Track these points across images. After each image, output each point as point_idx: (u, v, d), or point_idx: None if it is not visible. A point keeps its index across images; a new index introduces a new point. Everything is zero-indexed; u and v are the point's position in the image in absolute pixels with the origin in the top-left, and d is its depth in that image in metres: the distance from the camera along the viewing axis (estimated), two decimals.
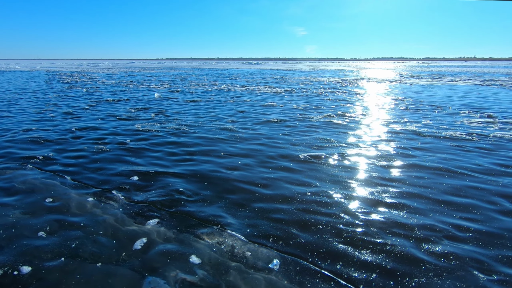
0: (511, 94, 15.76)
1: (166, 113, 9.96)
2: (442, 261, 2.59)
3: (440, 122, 8.32)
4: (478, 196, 3.81)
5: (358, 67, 72.53)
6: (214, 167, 4.89)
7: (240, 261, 2.63)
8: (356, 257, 2.65)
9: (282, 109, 10.67)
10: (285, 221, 3.24)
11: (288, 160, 5.20)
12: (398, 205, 3.59)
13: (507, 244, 2.84)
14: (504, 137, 6.67)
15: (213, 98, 13.62)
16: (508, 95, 15.43)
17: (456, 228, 3.08)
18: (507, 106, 11.40)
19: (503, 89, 18.57)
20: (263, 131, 7.36)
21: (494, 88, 18.94)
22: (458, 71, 46.83)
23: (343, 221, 3.22)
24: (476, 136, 6.80)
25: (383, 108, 10.92)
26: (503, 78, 28.47)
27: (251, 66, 75.84)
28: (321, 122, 8.30)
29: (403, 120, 8.65)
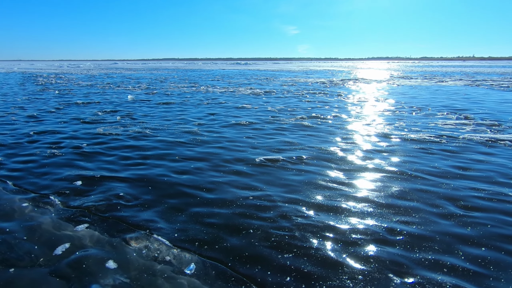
0: (498, 95, 16.12)
1: (133, 116, 9.99)
2: (361, 264, 2.69)
3: (414, 124, 8.51)
4: (424, 199, 3.94)
5: (350, 67, 73.26)
6: (164, 171, 4.96)
7: (159, 266, 2.70)
8: (277, 261, 2.74)
9: (256, 111, 10.78)
10: (218, 225, 3.32)
11: (243, 164, 5.29)
12: (338, 209, 3.69)
13: (434, 247, 2.95)
14: (473, 139, 6.85)
15: (187, 100, 13.69)
16: (495, 96, 15.78)
17: (388, 232, 3.19)
18: (489, 107, 11.68)
19: (492, 89, 18.97)
20: (227, 134, 7.45)
21: (483, 89, 19.33)
22: (452, 71, 47.60)
23: (276, 225, 3.31)
24: (445, 138, 6.97)
25: (359, 110, 11.10)
26: (496, 79, 29.05)
27: (238, 66, 76.08)
28: (290, 125, 8.43)
29: (376, 122, 8.82)
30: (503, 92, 17.49)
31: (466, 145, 6.46)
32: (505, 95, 15.76)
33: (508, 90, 18.38)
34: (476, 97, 15.15)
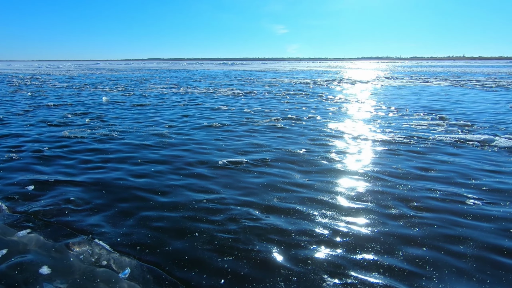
0: (479, 95, 16.49)
1: (104, 118, 9.95)
2: (298, 266, 2.76)
3: (387, 125, 8.67)
4: (378, 201, 4.04)
5: (338, 67, 73.95)
6: (122, 174, 4.97)
7: (97, 270, 2.72)
8: (215, 264, 2.80)
9: (231, 112, 10.83)
10: (164, 229, 3.36)
11: (205, 167, 5.33)
12: (290, 211, 3.77)
13: (376, 248, 3.04)
14: (443, 140, 7.03)
15: (164, 102, 13.67)
16: (476, 96, 16.15)
17: (334, 233, 3.28)
18: (467, 108, 11.96)
19: (474, 90, 19.39)
20: (197, 136, 7.49)
21: (465, 89, 19.75)
22: (440, 71, 48.45)
23: (222, 228, 3.37)
24: (415, 139, 7.13)
25: (337, 111, 11.26)
26: (481, 79, 29.68)
27: (224, 67, 76.11)
28: (263, 127, 8.51)
29: (350, 123, 8.97)
30: (485, 92, 17.89)
31: (434, 146, 6.62)
32: (486, 96, 16.14)
33: (490, 90, 18.81)
34: (457, 97, 15.48)
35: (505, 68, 62.02)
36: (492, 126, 8.63)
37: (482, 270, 2.74)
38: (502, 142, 6.69)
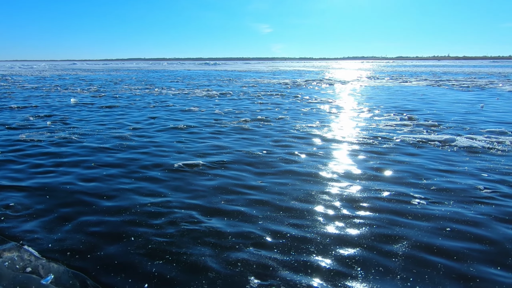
0: (454, 95, 16.92)
1: (67, 120, 9.85)
2: (226, 268, 2.82)
3: (355, 126, 8.83)
4: (324, 202, 4.14)
5: (322, 67, 74.65)
6: (71, 179, 4.95)
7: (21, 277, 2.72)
8: (144, 268, 2.83)
9: (201, 114, 10.86)
10: (100, 234, 3.38)
11: (160, 170, 5.35)
12: (234, 213, 3.83)
13: (310, 249, 3.13)
14: (405, 140, 7.20)
15: (134, 104, 13.60)
16: (451, 96, 16.56)
17: (272, 235, 3.35)
18: (439, 108, 12.26)
19: (451, 89, 19.88)
20: (159, 138, 7.49)
21: (442, 89, 20.23)
22: (422, 71, 49.44)
23: (160, 232, 3.40)
24: (378, 139, 7.29)
25: (308, 111, 11.40)
26: (460, 78, 30.43)
27: (206, 67, 75.97)
28: (230, 128, 8.56)
29: (318, 124, 9.10)
30: (461, 92, 18.37)
31: (396, 146, 6.78)
32: (460, 96, 16.57)
33: (466, 90, 19.31)
34: (432, 97, 15.85)
35: (487, 68, 63.65)
36: (458, 126, 8.89)
37: (408, 269, 2.84)
38: (463, 142, 6.91)
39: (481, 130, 8.22)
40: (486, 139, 7.18)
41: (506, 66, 71.70)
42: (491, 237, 3.32)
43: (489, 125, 8.89)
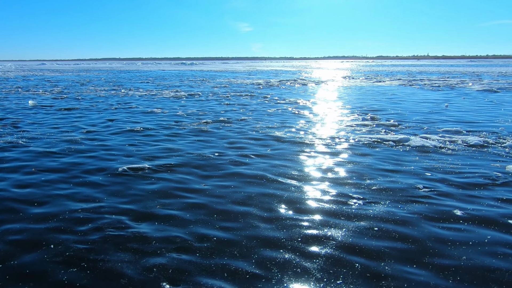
0: (423, 95, 17.36)
1: (19, 124, 9.63)
2: (141, 274, 2.83)
3: (315, 127, 8.97)
4: (262, 204, 4.20)
5: (301, 67, 75.27)
6: (5, 185, 4.86)
7: None
8: (55, 277, 2.81)
9: (162, 116, 10.81)
10: (20, 242, 3.34)
11: (103, 174, 5.32)
12: (167, 217, 3.85)
13: (234, 252, 3.17)
14: (361, 141, 7.36)
15: (95, 105, 13.41)
16: (420, 95, 16.99)
17: (199, 239, 3.38)
18: (405, 108, 12.57)
19: (421, 89, 20.39)
20: (111, 142, 7.42)
21: (413, 89, 20.72)
22: (399, 71, 50.49)
23: (83, 238, 3.39)
24: (335, 140, 7.43)
25: (273, 112, 11.50)
26: (434, 78, 31.24)
27: (182, 67, 75.50)
28: (188, 130, 8.56)
29: (278, 125, 9.19)
30: (431, 91, 18.87)
31: (350, 146, 6.92)
32: (429, 95, 17.03)
33: (436, 89, 19.85)
34: (401, 97, 16.21)
35: (463, 67, 65.54)
36: (418, 125, 9.14)
37: (325, 269, 2.92)
38: (416, 141, 7.10)
39: (438, 130, 8.47)
40: (440, 139, 7.41)
41: (481, 66, 73.97)
42: (415, 236, 3.44)
43: (447, 125, 9.18)
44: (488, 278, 2.81)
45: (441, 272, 2.89)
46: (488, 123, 9.49)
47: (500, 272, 2.88)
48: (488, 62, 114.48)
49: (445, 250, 3.20)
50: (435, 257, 3.10)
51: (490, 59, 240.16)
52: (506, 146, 6.82)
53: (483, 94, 17.46)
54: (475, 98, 15.55)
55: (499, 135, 7.82)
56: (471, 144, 6.93)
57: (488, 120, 9.94)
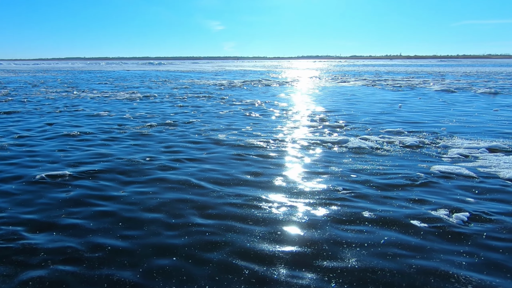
0: (382, 95, 17.83)
1: None
2: None
3: (260, 129, 9.05)
4: (174, 210, 4.21)
5: (272, 67, 75.73)
6: None
7: None
8: None
9: (107, 119, 10.64)
10: None
11: (18, 182, 5.19)
12: (68, 227, 3.80)
13: (123, 262, 3.15)
14: (300, 143, 7.47)
15: (40, 108, 13.06)
16: (379, 96, 17.44)
17: (92, 249, 3.35)
18: (358, 109, 12.86)
19: (383, 89, 20.92)
20: (41, 147, 7.25)
21: (375, 89, 21.25)
22: (368, 70, 51.63)
23: None
24: (276, 142, 7.51)
25: (225, 114, 11.54)
26: (399, 78, 32.12)
27: (149, 67, 74.52)
28: (128, 134, 8.46)
29: (223, 127, 9.23)
30: (390, 92, 19.40)
31: (287, 149, 7.02)
32: (387, 95, 17.50)
33: (396, 90, 20.41)
34: (359, 97, 16.59)
35: (431, 67, 67.73)
36: (364, 126, 9.38)
37: (212, 276, 2.96)
38: (354, 143, 7.28)
39: (380, 131, 8.72)
40: (379, 140, 7.63)
41: (449, 66, 76.63)
42: (315, 239, 3.54)
43: (392, 125, 9.45)
44: (368, 279, 2.92)
45: (327, 274, 2.98)
46: (433, 123, 9.84)
47: (382, 273, 2.99)
48: (457, 62, 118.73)
49: (339, 252, 3.30)
50: (326, 259, 3.19)
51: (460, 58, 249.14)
52: (440, 147, 7.10)
53: (439, 94, 18.09)
54: (431, 98, 16.09)
55: (438, 136, 8.12)
56: (407, 145, 7.17)
57: (434, 120, 10.31)
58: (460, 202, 4.43)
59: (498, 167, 5.72)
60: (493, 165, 5.82)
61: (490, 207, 4.29)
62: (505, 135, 8.21)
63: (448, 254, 3.26)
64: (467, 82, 26.04)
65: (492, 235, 3.59)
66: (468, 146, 7.01)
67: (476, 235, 3.60)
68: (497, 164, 5.86)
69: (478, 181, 5.16)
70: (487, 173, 5.51)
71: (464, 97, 16.48)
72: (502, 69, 52.46)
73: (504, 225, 3.81)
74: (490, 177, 5.34)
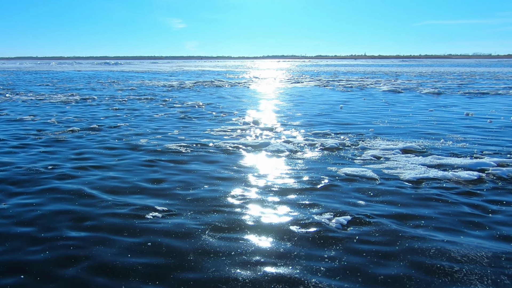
0: (330, 95, 18.20)
1: None
2: None
3: (187, 132, 8.98)
4: (48, 223, 4.06)
5: (233, 67, 75.71)
6: None
7: None
8: None
9: (28, 124, 10.25)
10: None
11: None
12: None
13: None
14: (221, 146, 7.45)
15: None
16: (326, 97, 17.78)
17: None
18: (299, 110, 13.05)
19: (333, 90, 21.36)
20: None
21: (325, 90, 21.69)
22: (327, 71, 52.67)
23: None
24: (196, 147, 7.46)
25: (159, 117, 11.39)
26: (353, 78, 32.91)
27: (103, 67, 72.67)
28: (42, 140, 8.16)
29: (147, 131, 9.10)
30: (339, 93, 19.85)
31: (203, 154, 6.97)
32: (334, 96, 17.90)
33: (345, 90, 20.89)
34: (305, 98, 16.87)
35: (391, 67, 69.99)
36: (295, 128, 9.50)
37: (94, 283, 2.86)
38: (275, 146, 7.34)
39: (308, 133, 8.85)
40: (302, 142, 7.75)
41: (409, 65, 79.45)
42: (184, 249, 3.50)
43: (324, 127, 9.63)
44: None
45: (180, 286, 2.96)
46: (365, 124, 10.11)
47: (234, 282, 3.00)
48: (417, 62, 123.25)
49: (201, 262, 3.28)
50: (185, 271, 3.17)
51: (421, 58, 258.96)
52: (358, 148, 7.28)
53: (385, 94, 18.66)
54: (375, 99, 16.56)
55: (362, 137, 8.34)
56: (326, 147, 7.31)
57: (366, 121, 10.59)
58: (350, 206, 4.54)
59: (403, 168, 5.92)
60: (399, 166, 6.02)
61: (376, 209, 4.42)
62: (427, 135, 8.54)
63: (312, 260, 3.31)
64: (417, 82, 27.02)
65: (363, 239, 3.69)
66: (385, 148, 7.22)
67: (348, 239, 3.69)
68: (404, 165, 6.06)
69: (378, 183, 5.31)
70: (390, 174, 5.68)
71: (408, 98, 17.06)
72: (457, 69, 54.91)
73: (379, 227, 3.93)
74: (391, 178, 5.51)
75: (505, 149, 7.22)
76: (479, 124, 10.02)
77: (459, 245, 3.53)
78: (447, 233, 3.82)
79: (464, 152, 7.00)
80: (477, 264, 3.20)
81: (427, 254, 3.39)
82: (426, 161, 6.30)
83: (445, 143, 7.70)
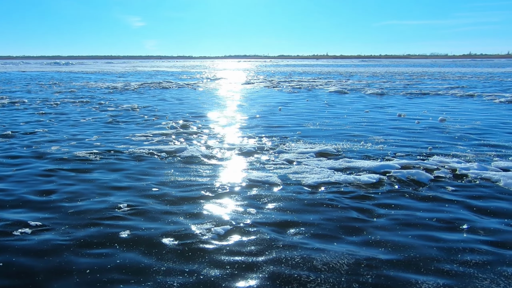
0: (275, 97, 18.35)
1: None
2: None
3: (106, 138, 8.72)
4: None
5: (190, 67, 75.00)
6: None
7: None
8: None
9: None
10: None
11: None
12: None
13: None
14: (135, 153, 7.26)
15: None
16: (270, 98, 17.91)
17: None
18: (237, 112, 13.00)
19: (280, 91, 21.55)
20: None
21: (273, 91, 21.88)
22: (283, 71, 53.22)
23: None
24: (109, 153, 7.24)
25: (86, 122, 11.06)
26: (306, 79, 33.33)
27: (51, 67, 70.05)
28: None
29: (64, 137, 8.77)
30: (286, 94, 20.08)
31: (115, 160, 6.79)
32: (279, 97, 18.10)
33: (293, 92, 21.12)
34: (248, 100, 16.87)
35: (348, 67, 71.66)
36: (221, 132, 9.44)
37: None
38: (190, 151, 7.24)
39: (233, 137, 8.83)
40: (219, 147, 7.69)
41: (367, 66, 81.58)
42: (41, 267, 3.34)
43: (253, 130, 9.63)
44: None
45: None
46: (295, 127, 10.20)
47: None
48: (376, 62, 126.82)
49: (49, 283, 3.13)
50: None
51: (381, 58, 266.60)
52: (276, 152, 7.31)
53: (330, 95, 19.01)
54: (317, 101, 16.81)
55: (286, 140, 8.39)
56: (244, 152, 7.30)
57: (298, 123, 10.69)
58: (237, 214, 4.50)
59: (310, 172, 5.98)
60: (306, 170, 6.07)
61: (262, 217, 4.41)
62: (350, 137, 8.71)
63: (168, 276, 3.23)
64: (367, 83, 27.72)
65: (233, 250, 3.66)
66: (301, 151, 7.28)
67: (217, 250, 3.64)
68: (311, 169, 6.12)
69: (277, 189, 5.32)
70: (294, 179, 5.71)
71: (350, 99, 17.44)
72: (410, 69, 56.87)
73: (256, 236, 3.91)
74: (293, 184, 5.54)
75: (418, 150, 7.47)
76: (406, 125, 10.34)
77: (326, 252, 3.56)
78: (322, 240, 3.86)
79: (378, 154, 7.17)
80: (335, 272, 3.23)
81: (290, 263, 3.39)
82: (335, 164, 6.40)
83: (364, 146, 7.87)
